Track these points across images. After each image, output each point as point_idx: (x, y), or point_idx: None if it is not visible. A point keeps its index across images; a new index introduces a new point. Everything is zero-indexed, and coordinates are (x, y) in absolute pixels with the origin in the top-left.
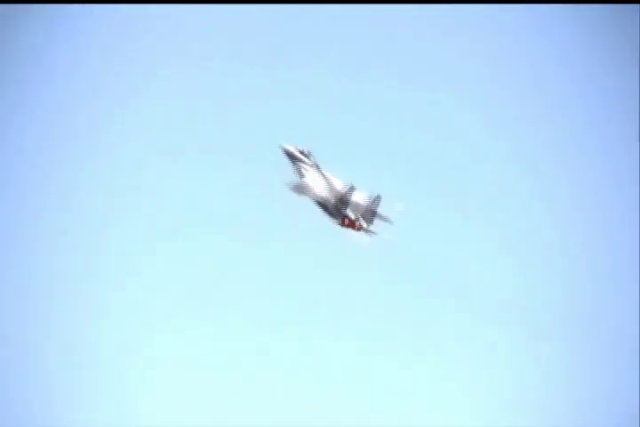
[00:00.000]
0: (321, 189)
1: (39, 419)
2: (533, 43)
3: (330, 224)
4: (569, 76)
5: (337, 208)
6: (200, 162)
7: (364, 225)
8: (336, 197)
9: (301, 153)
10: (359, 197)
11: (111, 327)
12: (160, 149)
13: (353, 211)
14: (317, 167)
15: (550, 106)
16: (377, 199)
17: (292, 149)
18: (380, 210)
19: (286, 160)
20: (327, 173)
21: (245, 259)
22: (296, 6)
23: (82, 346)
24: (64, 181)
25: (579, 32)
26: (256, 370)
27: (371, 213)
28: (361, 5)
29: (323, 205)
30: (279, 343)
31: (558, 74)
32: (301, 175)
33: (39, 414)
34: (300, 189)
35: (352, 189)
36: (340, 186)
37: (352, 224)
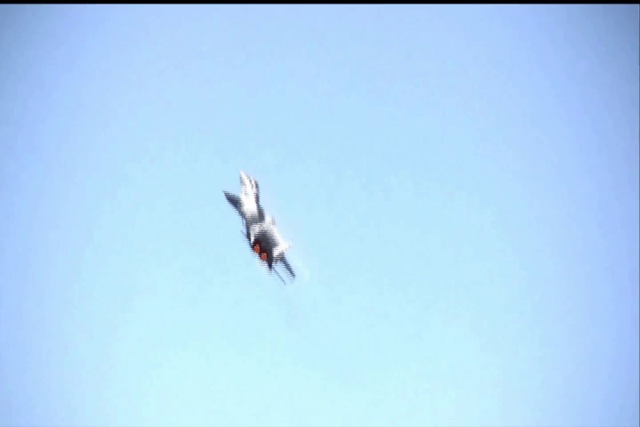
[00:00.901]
0: (248, 211)
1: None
2: (532, 43)
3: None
4: (568, 77)
5: (254, 234)
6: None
7: (270, 260)
8: (254, 223)
9: (249, 181)
10: (280, 237)
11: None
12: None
13: (266, 243)
14: (256, 197)
15: (549, 106)
16: (287, 247)
17: (244, 175)
18: (288, 258)
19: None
20: (261, 205)
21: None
22: (293, 6)
23: (77, 348)
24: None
25: (579, 32)
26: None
27: (279, 256)
28: (361, 5)
29: (246, 224)
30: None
31: (557, 74)
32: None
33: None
34: (233, 200)
35: (273, 222)
36: (267, 218)
37: (260, 253)
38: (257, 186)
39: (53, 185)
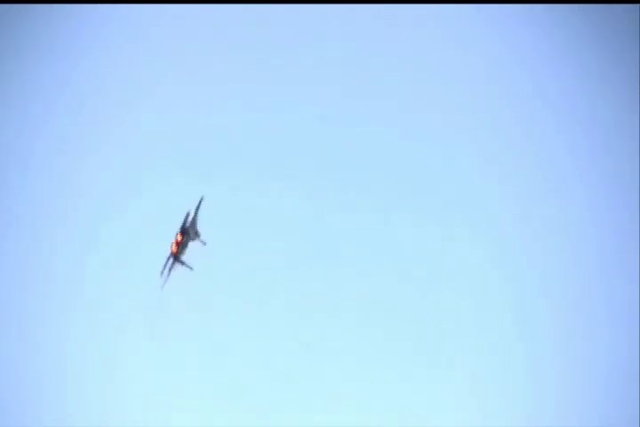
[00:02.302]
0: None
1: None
2: (531, 43)
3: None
4: (568, 77)
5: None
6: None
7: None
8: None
9: (192, 226)
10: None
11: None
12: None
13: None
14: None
15: (548, 107)
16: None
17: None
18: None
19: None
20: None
21: None
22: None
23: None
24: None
25: (578, 32)
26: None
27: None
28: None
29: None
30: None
31: (556, 74)
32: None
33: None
34: (193, 224)
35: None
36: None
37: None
38: (196, 234)
39: (53, 189)
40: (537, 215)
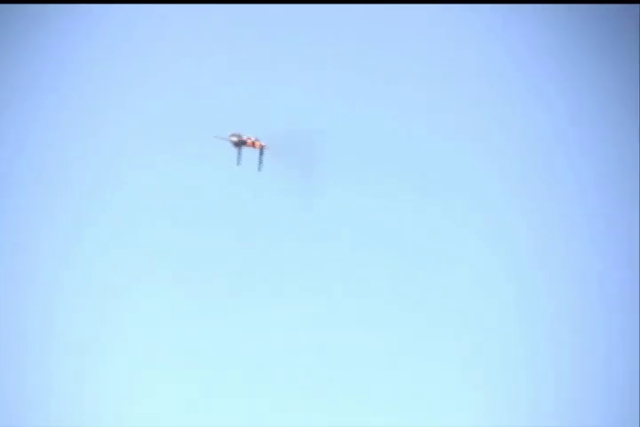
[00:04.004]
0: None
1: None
2: (530, 43)
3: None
4: (567, 77)
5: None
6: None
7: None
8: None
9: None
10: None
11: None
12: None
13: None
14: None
15: (547, 107)
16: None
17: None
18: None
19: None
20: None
21: None
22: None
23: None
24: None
25: (578, 32)
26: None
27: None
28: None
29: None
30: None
31: (556, 74)
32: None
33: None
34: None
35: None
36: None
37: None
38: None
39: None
40: (536, 204)
